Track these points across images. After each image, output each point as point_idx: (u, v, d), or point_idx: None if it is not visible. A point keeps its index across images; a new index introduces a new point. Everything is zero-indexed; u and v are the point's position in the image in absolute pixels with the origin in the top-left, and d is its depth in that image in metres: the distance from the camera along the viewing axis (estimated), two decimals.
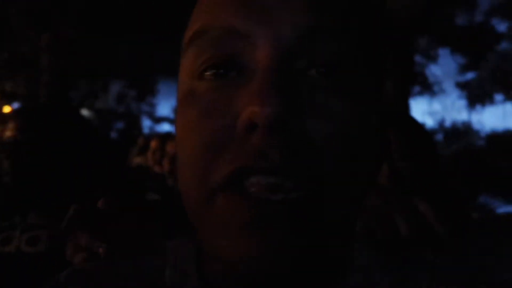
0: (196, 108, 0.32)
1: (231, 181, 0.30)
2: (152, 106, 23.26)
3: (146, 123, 22.39)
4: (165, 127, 22.69)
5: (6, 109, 7.06)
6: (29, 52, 5.89)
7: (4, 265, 0.95)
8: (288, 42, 0.31)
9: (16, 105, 7.36)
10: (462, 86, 12.68)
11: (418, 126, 1.11)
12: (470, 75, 12.13)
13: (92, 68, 7.72)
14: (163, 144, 3.29)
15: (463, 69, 12.12)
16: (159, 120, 24.56)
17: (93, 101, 14.89)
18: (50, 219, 1.01)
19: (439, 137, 12.34)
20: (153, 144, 3.49)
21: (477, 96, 11.84)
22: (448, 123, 12.94)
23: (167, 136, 3.43)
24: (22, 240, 0.97)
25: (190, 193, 0.33)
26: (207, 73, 0.33)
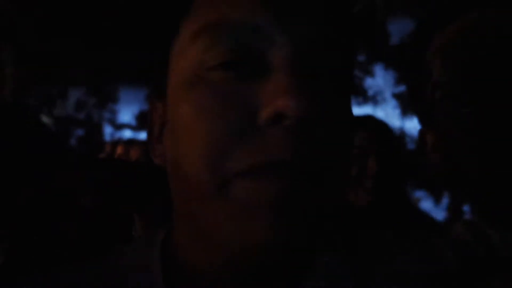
0: (210, 96, 0.32)
1: (254, 170, 0.30)
2: (113, 113, 23.39)
3: (108, 130, 22.38)
4: (127, 134, 22.79)
5: None
6: None
7: None
8: (306, 43, 0.31)
9: None
10: (397, 96, 15.34)
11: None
12: (403, 87, 14.53)
13: (49, 74, 7.82)
14: (127, 150, 3.58)
15: (398, 81, 14.72)
16: (120, 126, 24.69)
17: (51, 108, 14.75)
18: (5, 231, 1.00)
19: None
20: (119, 149, 3.78)
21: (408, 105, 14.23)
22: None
23: (131, 142, 3.72)
24: None
25: (199, 179, 0.32)
26: (220, 64, 0.32)
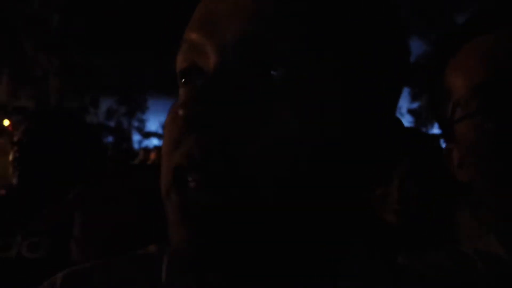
0: (169, 116, 0.34)
1: (174, 178, 0.31)
2: (142, 122, 24.90)
3: (136, 138, 23.59)
4: (154, 142, 23.90)
5: (5, 122, 7.82)
6: (40, 74, 6.77)
7: (4, 271, 0.98)
8: (232, 48, 0.32)
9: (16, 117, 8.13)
10: (412, 112, 17.63)
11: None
12: (416, 104, 17.18)
13: (84, 84, 8.50)
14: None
15: (414, 98, 16.90)
16: (148, 135, 26.14)
17: (84, 115, 15.62)
18: (51, 225, 1.03)
19: None
20: (153, 155, 4.30)
21: (423, 120, 15.80)
22: None
23: None
24: (23, 246, 0.99)
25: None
26: (181, 81, 0.35)
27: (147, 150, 4.99)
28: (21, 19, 6.55)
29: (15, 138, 1.15)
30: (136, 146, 21.47)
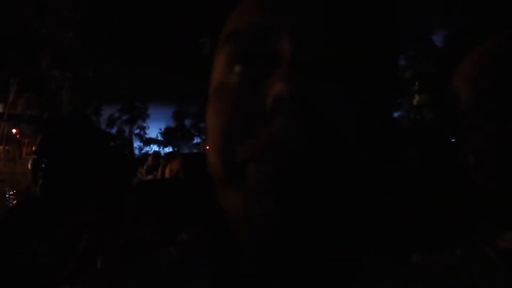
0: (227, 98, 0.34)
1: (258, 155, 0.32)
2: (142, 129, 25.85)
3: (136, 144, 24.30)
4: (153, 148, 24.70)
5: (13, 130, 8.39)
6: (54, 87, 7.39)
7: (20, 276, 0.97)
8: (306, 38, 0.33)
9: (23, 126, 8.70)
10: None
11: None
12: None
13: (93, 96, 9.07)
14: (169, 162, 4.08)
15: None
16: (148, 141, 27.06)
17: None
18: (70, 231, 1.03)
19: None
20: (150, 160, 4.44)
21: None
22: None
23: (173, 154, 3.67)
24: (39, 251, 0.99)
25: (215, 169, 0.35)
26: (239, 67, 0.35)
27: (155, 156, 5.18)
28: (37, 37, 7.18)
29: (35, 146, 1.15)
30: (136, 152, 22.17)
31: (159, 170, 3.23)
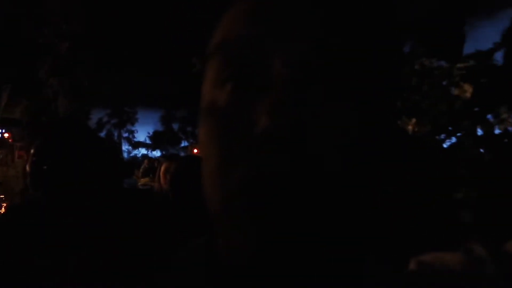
0: (216, 120, 0.33)
1: (244, 187, 0.31)
2: (131, 132, 26.31)
3: (125, 147, 24.72)
4: (142, 151, 25.17)
5: (5, 135, 8.80)
6: (51, 95, 7.87)
7: (26, 276, 0.96)
8: (302, 56, 0.31)
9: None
10: None
11: None
12: None
13: (87, 102, 9.50)
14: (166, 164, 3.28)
15: None
16: (136, 145, 27.31)
17: None
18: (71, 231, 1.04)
19: None
20: (146, 162, 4.68)
21: None
22: None
23: (172, 156, 4.01)
24: (41, 252, 0.99)
25: (212, 195, 0.34)
26: (228, 84, 0.33)
27: (150, 159, 5.29)
28: (35, 47, 7.67)
29: (34, 149, 1.14)
30: (125, 155, 22.54)
31: (156, 173, 3.32)
